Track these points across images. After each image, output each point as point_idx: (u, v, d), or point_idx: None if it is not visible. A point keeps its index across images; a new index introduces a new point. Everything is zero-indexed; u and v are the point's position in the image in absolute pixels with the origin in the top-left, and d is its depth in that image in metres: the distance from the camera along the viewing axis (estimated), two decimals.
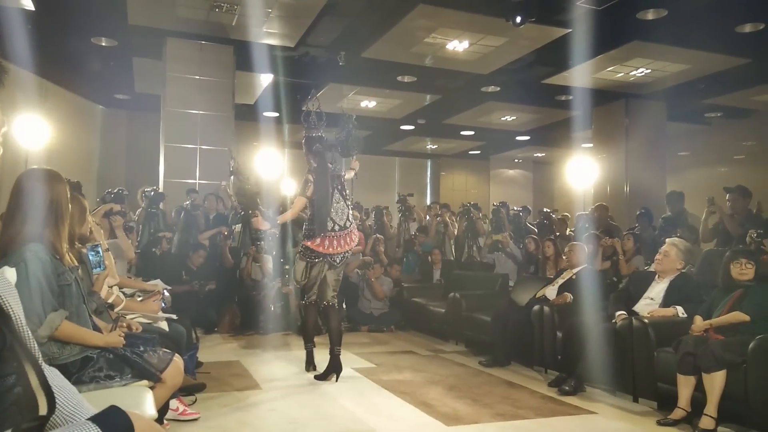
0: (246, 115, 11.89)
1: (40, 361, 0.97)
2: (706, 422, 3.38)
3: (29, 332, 0.97)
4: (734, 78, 9.49)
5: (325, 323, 4.76)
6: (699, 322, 3.73)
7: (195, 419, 3.46)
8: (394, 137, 15.43)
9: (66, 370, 2.13)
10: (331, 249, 4.49)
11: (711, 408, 3.38)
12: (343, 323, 7.28)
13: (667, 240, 4.65)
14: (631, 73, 9.69)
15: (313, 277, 4.59)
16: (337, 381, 4.56)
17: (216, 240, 7.66)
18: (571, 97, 10.83)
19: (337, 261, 4.58)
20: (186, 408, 3.47)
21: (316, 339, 4.95)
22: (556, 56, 8.70)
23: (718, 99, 11.09)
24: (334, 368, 4.58)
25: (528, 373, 5.02)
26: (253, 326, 6.91)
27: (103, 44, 8.79)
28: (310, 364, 4.81)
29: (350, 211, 4.69)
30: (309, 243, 4.48)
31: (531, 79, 9.99)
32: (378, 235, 8.53)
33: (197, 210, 8.11)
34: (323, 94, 11.17)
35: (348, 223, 4.59)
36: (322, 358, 4.76)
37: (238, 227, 8.04)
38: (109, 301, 3.21)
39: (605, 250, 6.10)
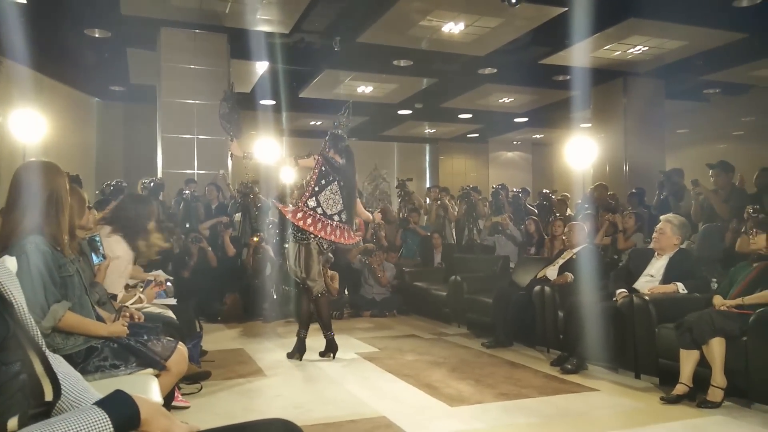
0: (243, 104, 11.82)
1: (44, 348, 0.97)
2: (713, 394, 3.40)
3: (32, 320, 0.98)
4: (732, 53, 9.43)
5: (316, 312, 4.82)
6: (719, 302, 3.66)
7: (187, 407, 3.48)
8: (391, 122, 15.37)
9: (71, 360, 2.14)
10: (323, 233, 4.62)
11: (717, 377, 3.40)
12: (345, 309, 7.35)
13: (661, 217, 4.66)
14: (628, 51, 9.63)
15: (303, 259, 4.68)
16: (333, 359, 4.81)
17: (217, 229, 7.68)
18: (568, 77, 10.77)
19: (324, 246, 4.76)
20: (178, 394, 3.50)
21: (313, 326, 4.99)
22: (552, 36, 8.64)
23: (716, 75, 11.03)
24: (331, 348, 4.86)
25: (530, 353, 5.05)
26: (255, 314, 6.95)
27: (97, 35, 8.73)
28: (296, 352, 4.84)
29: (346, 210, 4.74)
30: (297, 219, 4.55)
31: (528, 59, 9.93)
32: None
33: (197, 201, 8.12)
34: (319, 80, 11.13)
35: (338, 217, 4.68)
36: (320, 343, 4.90)
37: (238, 216, 8.05)
38: (129, 303, 3.25)
39: (607, 226, 6.12)
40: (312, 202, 4.62)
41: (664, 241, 4.44)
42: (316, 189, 4.64)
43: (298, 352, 4.83)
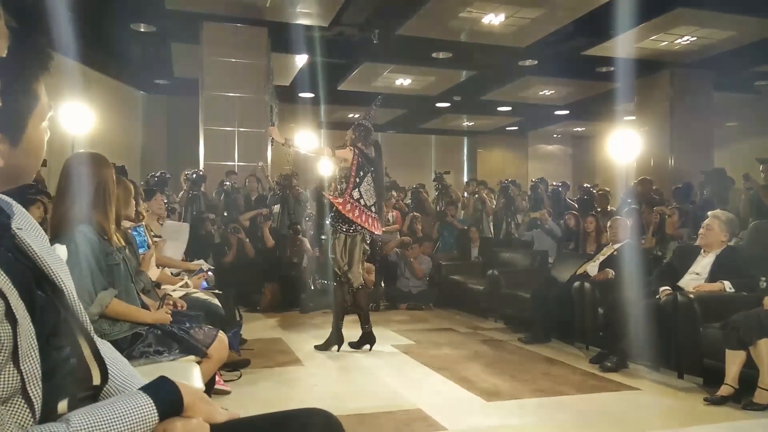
0: (282, 97, 11.96)
1: (92, 334, 1.01)
2: (760, 396, 3.29)
3: (81, 306, 1.01)
4: None
5: (354, 304, 4.85)
6: None
7: (228, 392, 3.56)
8: (429, 115, 15.30)
9: (117, 346, 2.19)
10: (367, 224, 4.67)
11: (765, 379, 3.28)
12: (381, 301, 7.37)
13: (709, 213, 4.51)
14: (675, 42, 9.34)
15: (348, 251, 4.70)
16: (371, 350, 4.82)
17: (257, 221, 7.80)
18: (612, 69, 10.51)
19: (367, 238, 4.79)
20: (220, 379, 3.58)
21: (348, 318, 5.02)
22: (596, 26, 8.44)
23: (767, 66, 10.61)
24: (368, 340, 4.84)
25: (568, 350, 4.98)
26: (293, 304, 7.04)
27: (142, 30, 8.95)
28: (334, 343, 4.82)
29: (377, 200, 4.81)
30: (347, 210, 4.58)
31: (570, 51, 9.73)
32: (415, 213, 8.53)
33: (237, 193, 8.26)
34: (358, 73, 11.15)
35: (375, 208, 4.75)
36: (355, 335, 4.93)
37: (276, 208, 8.16)
38: (177, 286, 3.34)
39: (655, 225, 5.95)
40: (356, 194, 4.66)
41: (711, 238, 4.29)
42: (357, 180, 4.67)
43: (336, 344, 4.83)
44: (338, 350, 4.83)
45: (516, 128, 16.94)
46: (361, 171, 4.69)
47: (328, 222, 4.74)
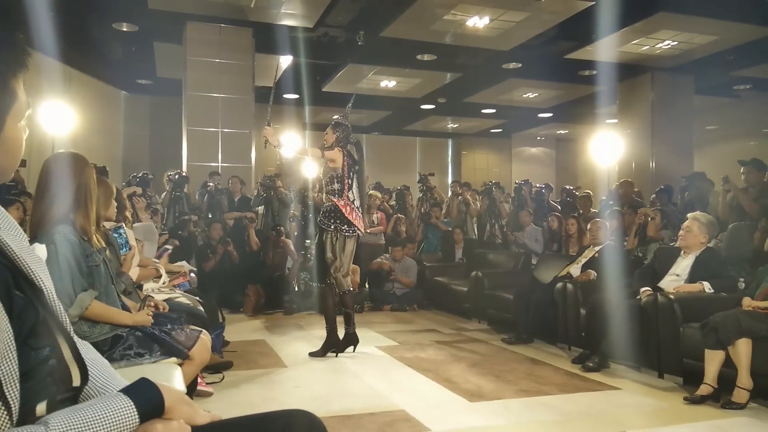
0: (266, 98, 11.91)
1: (72, 335, 0.99)
2: (738, 395, 3.34)
3: (61, 307, 1.00)
4: (764, 48, 9.20)
5: (341, 306, 4.82)
6: (747, 302, 3.59)
7: (210, 393, 3.54)
8: (414, 117, 15.33)
9: (97, 348, 2.17)
10: (361, 225, 4.70)
11: (743, 379, 3.34)
12: (366, 302, 7.37)
13: (688, 215, 4.58)
14: (657, 46, 9.46)
15: (347, 252, 4.67)
16: (354, 351, 4.78)
17: (242, 222, 7.76)
18: (595, 72, 10.63)
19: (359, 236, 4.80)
20: (203, 381, 3.56)
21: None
22: (579, 30, 8.53)
23: (747, 71, 10.79)
24: (351, 342, 4.79)
25: (551, 350, 5.02)
26: (277, 306, 7.01)
27: (124, 29, 8.86)
28: (329, 348, 4.76)
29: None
30: (348, 212, 4.59)
31: (553, 54, 9.82)
32: (399, 215, 8.54)
33: (221, 194, 8.20)
34: (343, 74, 11.14)
35: (361, 209, 4.77)
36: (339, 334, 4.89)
37: (260, 209, 8.12)
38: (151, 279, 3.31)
39: (638, 227, 6.00)
40: (351, 195, 4.65)
41: (690, 240, 4.36)
42: (350, 182, 4.66)
43: (335, 348, 4.75)
44: (336, 355, 4.74)
45: (500, 130, 17.05)
46: (351, 171, 4.69)
47: (324, 223, 4.63)
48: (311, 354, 4.74)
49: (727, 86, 12.08)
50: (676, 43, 9.29)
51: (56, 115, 7.61)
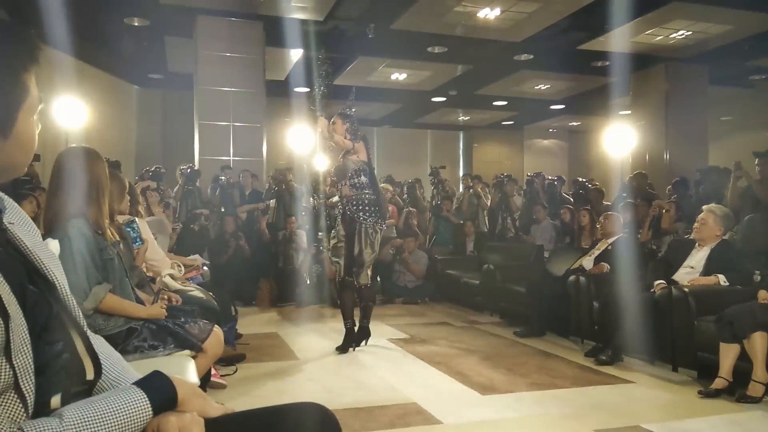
0: (277, 91, 11.92)
1: (85, 329, 1.00)
2: (753, 389, 3.31)
3: (74, 301, 1.01)
4: None
5: (359, 300, 4.81)
6: (763, 295, 3.53)
7: (224, 386, 3.56)
8: (425, 110, 15.27)
9: (111, 341, 2.19)
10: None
11: (758, 372, 3.30)
12: (377, 295, 7.37)
13: (704, 207, 4.53)
14: (670, 36, 9.34)
15: (378, 244, 4.69)
16: (366, 345, 4.76)
17: (253, 216, 7.79)
18: (607, 63, 10.51)
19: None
20: (217, 373, 3.58)
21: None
22: (591, 20, 8.43)
23: (763, 60, 10.62)
24: (364, 335, 4.77)
25: (564, 344, 5.00)
26: (289, 299, 7.04)
27: (136, 24, 8.88)
28: (350, 343, 4.72)
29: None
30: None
31: (566, 45, 9.72)
32: (411, 208, 8.53)
33: (232, 188, 8.23)
34: (353, 67, 11.11)
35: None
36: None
37: (272, 202, 8.14)
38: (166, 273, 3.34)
39: (651, 220, 5.95)
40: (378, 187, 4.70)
41: (705, 232, 4.31)
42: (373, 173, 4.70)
43: (354, 343, 4.73)
44: (354, 349, 4.70)
45: (511, 123, 16.94)
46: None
47: (361, 217, 4.52)
48: (338, 348, 4.65)
49: (742, 76, 11.90)
50: (690, 33, 9.16)
51: (69, 110, 7.67)
